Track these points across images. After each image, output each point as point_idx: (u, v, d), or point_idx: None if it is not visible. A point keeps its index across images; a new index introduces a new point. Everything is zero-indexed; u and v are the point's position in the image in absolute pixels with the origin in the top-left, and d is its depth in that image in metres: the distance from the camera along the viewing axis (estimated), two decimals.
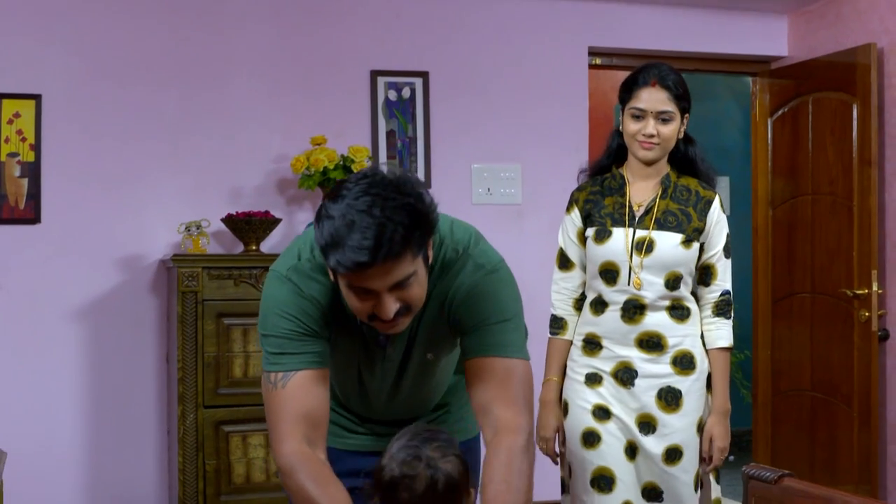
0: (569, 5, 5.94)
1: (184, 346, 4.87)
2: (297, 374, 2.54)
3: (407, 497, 2.24)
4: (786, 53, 6.36)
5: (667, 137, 3.49)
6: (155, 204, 5.35)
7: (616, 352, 3.51)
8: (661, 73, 3.51)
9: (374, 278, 2.31)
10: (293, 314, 2.55)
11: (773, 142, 6.38)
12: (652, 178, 3.55)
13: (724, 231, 3.55)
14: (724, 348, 3.52)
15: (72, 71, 5.26)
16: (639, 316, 3.48)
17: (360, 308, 2.41)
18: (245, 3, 5.51)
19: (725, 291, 3.53)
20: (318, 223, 2.34)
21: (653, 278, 3.45)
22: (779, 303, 6.31)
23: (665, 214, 3.49)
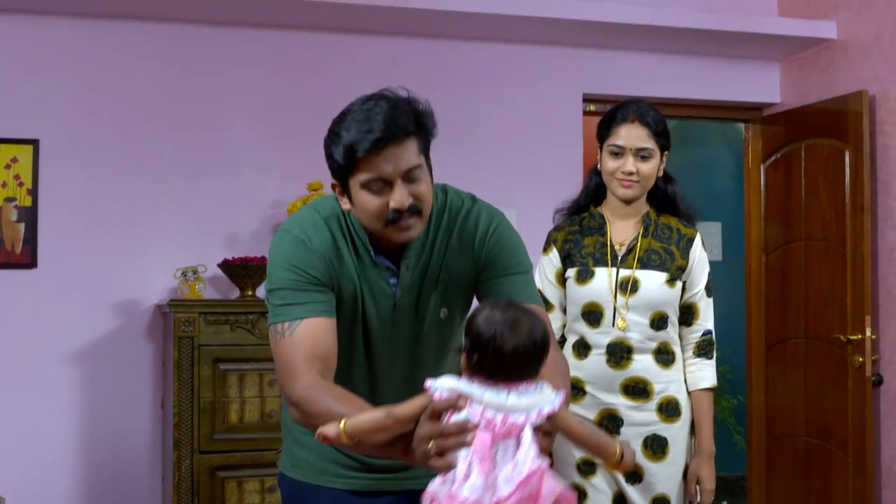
0: (563, 52, 5.98)
1: (180, 392, 4.86)
2: (303, 321, 2.53)
3: (511, 345, 2.15)
4: (778, 100, 6.40)
5: (646, 175, 3.43)
6: (152, 249, 5.36)
7: (600, 398, 3.43)
8: (641, 109, 3.46)
9: (387, 161, 2.43)
10: (297, 265, 2.58)
11: (765, 188, 6.40)
12: (632, 216, 3.50)
13: (705, 269, 3.52)
14: (707, 389, 3.48)
15: (70, 116, 5.29)
16: (626, 361, 3.41)
17: (376, 208, 2.48)
18: (243, 48, 5.55)
19: (707, 331, 3.49)
20: (330, 136, 2.51)
21: (638, 318, 3.40)
22: (772, 348, 6.31)
23: (648, 253, 3.43)
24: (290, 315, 2.54)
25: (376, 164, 2.45)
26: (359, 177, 2.47)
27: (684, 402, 3.46)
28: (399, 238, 2.54)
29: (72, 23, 5.29)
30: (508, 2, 5.51)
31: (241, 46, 5.54)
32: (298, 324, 2.53)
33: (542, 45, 5.97)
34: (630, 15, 5.73)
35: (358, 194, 2.50)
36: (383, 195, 2.47)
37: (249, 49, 5.55)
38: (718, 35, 5.92)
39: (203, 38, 5.48)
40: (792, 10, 6.25)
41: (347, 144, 2.45)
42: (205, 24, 5.47)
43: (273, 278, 2.61)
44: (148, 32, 5.41)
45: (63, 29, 5.29)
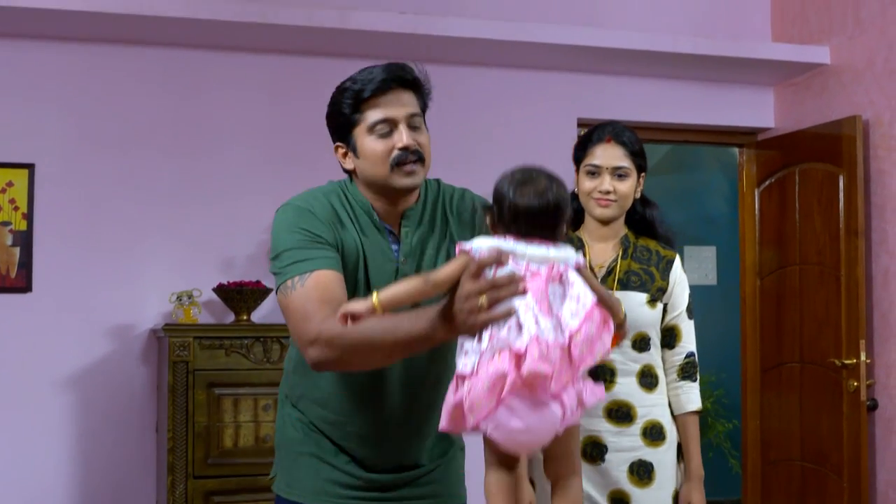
0: (558, 77, 6.00)
1: (174, 416, 4.85)
2: (313, 273, 2.57)
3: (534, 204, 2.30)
4: (772, 125, 6.42)
5: (623, 194, 3.40)
6: (147, 273, 5.36)
7: (584, 425, 3.32)
8: (616, 129, 3.45)
9: (392, 104, 2.65)
10: (303, 227, 2.65)
11: (760, 212, 6.41)
12: (610, 239, 3.46)
13: (685, 291, 3.47)
14: (693, 412, 3.43)
15: (65, 140, 5.29)
16: (608, 384, 3.34)
17: (383, 150, 2.65)
18: (239, 73, 5.56)
19: (690, 353, 3.44)
20: (336, 95, 2.73)
21: None
22: (767, 372, 6.30)
23: (628, 275, 3.40)
24: (299, 270, 2.58)
25: (383, 105, 2.65)
26: (365, 122, 2.66)
27: (669, 425, 3.40)
28: (403, 183, 2.67)
29: (68, 47, 5.30)
30: (503, 27, 5.53)
31: (238, 71, 5.56)
32: (309, 275, 2.57)
33: (538, 70, 5.98)
34: (625, 40, 5.75)
35: (364, 141, 2.67)
36: (389, 138, 2.65)
37: (246, 74, 5.57)
38: (713, 60, 5.95)
39: (199, 62, 5.50)
40: (786, 36, 6.29)
41: (356, 90, 2.66)
42: (201, 49, 5.48)
43: (279, 243, 2.66)
44: (144, 57, 5.42)
45: (59, 53, 5.30)
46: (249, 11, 5.17)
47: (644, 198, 3.54)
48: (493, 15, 5.75)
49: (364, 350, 2.43)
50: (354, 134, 2.70)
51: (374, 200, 2.75)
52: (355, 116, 2.69)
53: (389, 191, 2.71)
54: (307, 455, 2.82)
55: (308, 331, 2.50)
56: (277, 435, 2.94)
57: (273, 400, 4.94)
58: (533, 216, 2.30)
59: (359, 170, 2.73)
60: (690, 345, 3.46)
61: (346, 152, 2.75)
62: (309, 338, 2.50)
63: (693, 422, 3.43)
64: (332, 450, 2.81)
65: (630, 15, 6.12)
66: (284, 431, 2.89)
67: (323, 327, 2.46)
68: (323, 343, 2.46)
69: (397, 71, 2.69)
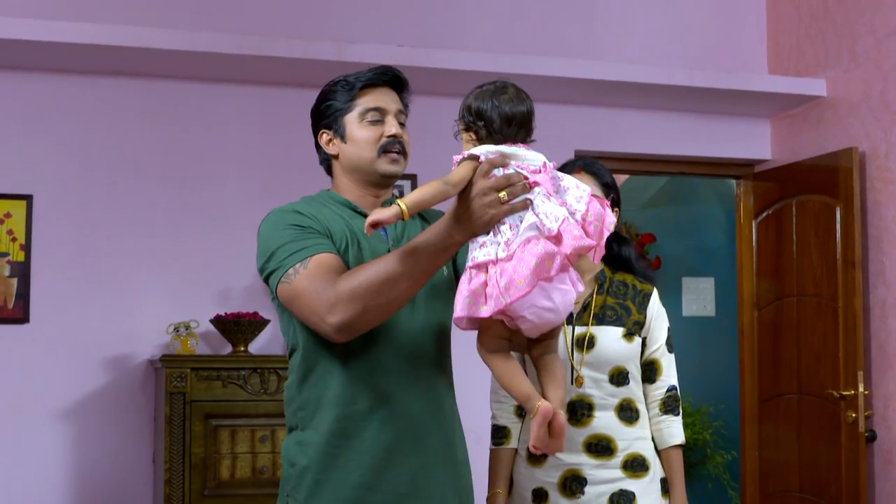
0: (555, 109, 5.99)
1: (171, 447, 4.85)
2: (312, 257, 2.63)
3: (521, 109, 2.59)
4: (769, 157, 6.45)
5: None
6: (144, 304, 5.37)
7: (563, 459, 3.29)
8: (587, 161, 3.47)
9: (384, 96, 2.84)
10: (293, 223, 2.72)
11: (757, 244, 6.42)
12: (586, 274, 3.41)
13: (664, 325, 3.44)
14: (677, 446, 3.39)
15: (63, 171, 5.32)
16: (586, 418, 3.30)
17: (372, 136, 2.80)
18: (236, 104, 5.59)
19: (672, 387, 3.41)
20: (329, 86, 2.86)
21: (596, 375, 3.30)
22: (765, 404, 6.30)
23: (603, 309, 3.37)
24: (298, 257, 2.64)
25: (376, 96, 2.83)
26: (357, 108, 2.81)
27: (652, 458, 3.36)
28: (388, 169, 2.81)
29: (66, 79, 5.33)
30: (500, 59, 5.55)
31: (235, 104, 5.58)
32: (309, 259, 2.63)
33: (534, 102, 5.91)
34: (622, 73, 5.78)
35: (354, 127, 2.82)
36: (378, 126, 2.81)
37: (243, 106, 5.59)
38: (709, 92, 5.98)
39: (196, 95, 5.53)
40: (782, 68, 6.32)
41: (350, 81, 2.83)
42: (197, 82, 5.51)
43: (270, 243, 2.71)
44: (142, 89, 5.45)
45: (57, 85, 5.33)
46: (246, 44, 5.20)
47: (618, 235, 3.50)
48: (490, 48, 5.78)
49: (386, 285, 2.52)
50: (344, 120, 2.83)
51: (355, 192, 2.87)
52: (348, 104, 2.83)
53: (373, 177, 2.83)
54: (332, 470, 2.75)
55: (324, 299, 2.55)
56: (285, 472, 2.84)
57: (270, 431, 4.95)
58: (520, 119, 2.58)
59: (344, 155, 2.85)
60: (671, 378, 3.42)
61: (331, 139, 2.87)
62: (328, 303, 2.54)
63: (677, 456, 3.40)
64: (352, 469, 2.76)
65: (626, 47, 6.15)
66: (290, 469, 2.80)
67: (338, 287, 2.54)
68: (345, 300, 2.52)
69: (391, 70, 2.89)
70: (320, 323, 2.58)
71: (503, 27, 5.97)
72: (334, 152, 2.87)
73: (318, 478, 2.74)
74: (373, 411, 2.74)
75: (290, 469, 2.80)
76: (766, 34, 6.47)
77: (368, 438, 2.74)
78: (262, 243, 2.76)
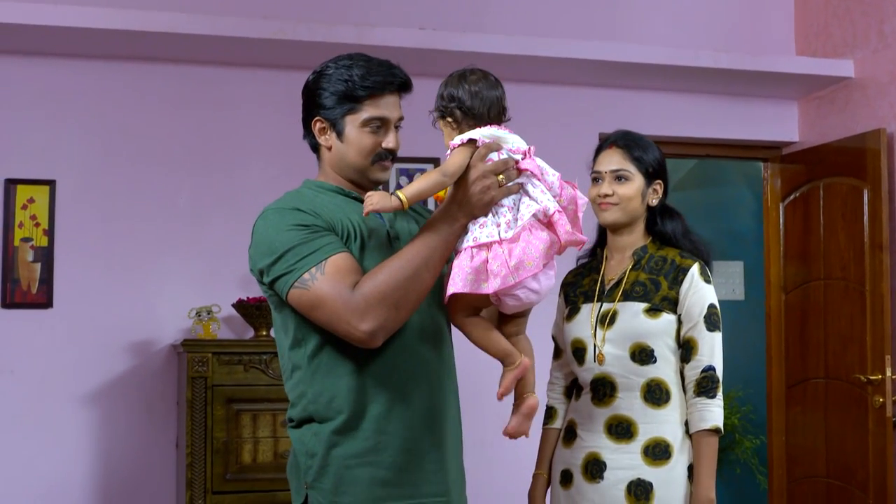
0: (578, 92, 6.00)
1: (192, 432, 4.87)
2: (327, 260, 2.63)
3: (498, 92, 2.75)
4: (796, 139, 6.42)
5: (625, 196, 3.34)
6: (166, 289, 5.41)
7: (587, 441, 3.30)
8: (619, 135, 3.45)
9: (391, 105, 2.82)
10: (297, 223, 2.69)
11: (784, 227, 6.41)
12: (627, 250, 3.40)
13: (703, 301, 3.29)
14: (706, 430, 3.23)
15: (86, 157, 5.36)
16: (609, 398, 3.27)
17: (370, 145, 2.80)
18: (258, 88, 5.60)
19: (708, 367, 3.25)
20: (332, 76, 2.82)
21: (617, 351, 3.26)
22: (792, 388, 6.29)
23: (634, 285, 3.32)
24: (313, 261, 2.63)
25: (382, 105, 2.80)
26: (360, 115, 2.80)
27: (678, 445, 3.25)
28: (379, 177, 2.85)
29: (88, 65, 5.37)
30: (524, 42, 5.55)
31: (257, 88, 5.60)
32: (324, 263, 2.62)
33: (559, 85, 5.99)
34: (647, 55, 5.76)
35: (355, 132, 2.81)
36: (377, 135, 2.80)
37: (265, 90, 5.60)
38: (736, 74, 5.95)
39: (218, 79, 5.56)
40: (809, 49, 6.29)
41: (359, 83, 2.78)
42: (220, 66, 5.54)
43: (276, 245, 2.68)
44: (163, 74, 5.48)
45: (80, 71, 5.37)
46: (268, 28, 5.22)
47: (667, 208, 3.47)
48: (514, 30, 5.77)
49: (410, 280, 2.60)
50: (346, 120, 2.82)
51: (343, 183, 2.89)
52: (352, 105, 2.80)
53: (361, 179, 2.86)
54: (355, 467, 2.75)
55: (353, 306, 2.57)
56: (299, 462, 2.82)
57: None
58: (492, 99, 2.72)
59: (337, 151, 2.87)
60: (709, 358, 3.25)
61: (326, 130, 2.86)
62: (358, 310, 2.57)
63: (706, 441, 3.24)
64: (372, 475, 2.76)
65: (652, 29, 6.12)
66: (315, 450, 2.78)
67: (364, 292, 2.58)
68: (375, 303, 2.57)
69: (399, 76, 2.85)
70: (351, 330, 2.59)
71: (526, 9, 5.95)
72: (326, 144, 2.88)
73: (344, 465, 2.74)
74: (392, 404, 2.76)
75: (310, 460, 2.78)
76: (794, 15, 6.44)
77: (391, 432, 2.76)
78: (263, 244, 2.73)
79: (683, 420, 3.29)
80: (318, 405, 2.76)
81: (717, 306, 3.32)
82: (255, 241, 2.77)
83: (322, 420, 2.77)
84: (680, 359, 3.31)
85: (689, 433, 3.28)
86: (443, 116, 2.77)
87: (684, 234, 3.46)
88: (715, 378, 3.26)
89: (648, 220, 3.45)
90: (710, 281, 3.36)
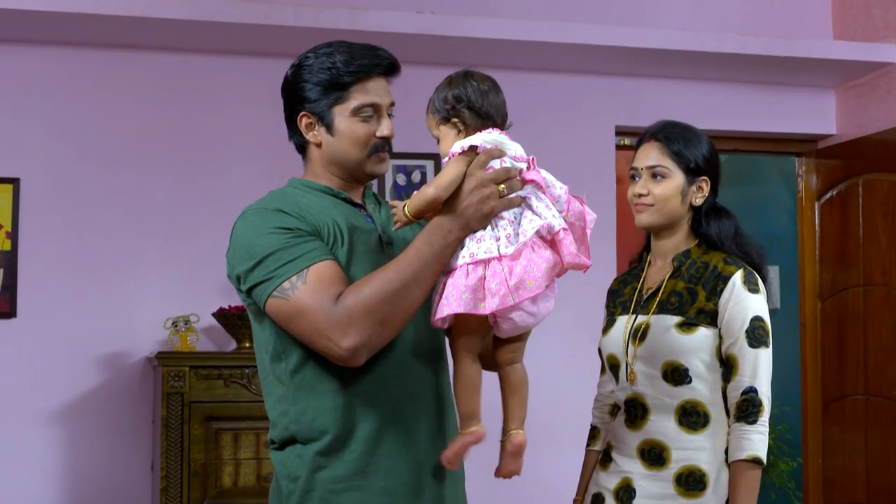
0: (594, 81, 5.94)
1: (168, 453, 4.84)
2: (310, 268, 2.57)
3: (501, 97, 2.65)
4: (833, 131, 6.31)
5: (661, 197, 3.21)
6: (142, 297, 5.34)
7: (621, 465, 3.21)
8: (660, 127, 3.30)
9: (382, 90, 2.74)
10: (280, 226, 2.62)
11: (820, 227, 6.36)
12: (669, 255, 3.29)
13: (745, 312, 3.12)
14: (743, 461, 3.08)
15: (53, 154, 5.30)
16: (641, 420, 3.17)
17: (364, 134, 2.72)
18: (242, 78, 5.57)
19: (749, 389, 3.09)
20: (315, 65, 2.73)
21: (650, 370, 3.15)
22: (829, 405, 6.22)
23: (670, 296, 3.20)
24: (294, 268, 2.57)
25: (371, 90, 2.72)
26: (349, 104, 2.71)
27: (714, 475, 3.12)
28: (376, 169, 2.78)
29: (56, 52, 5.33)
30: (532, 27, 5.47)
31: (240, 77, 5.56)
32: (306, 271, 2.56)
33: (571, 74, 5.93)
34: (666, 40, 5.69)
35: (345, 122, 2.72)
36: (371, 123, 2.73)
37: (249, 80, 5.55)
38: (765, 61, 5.85)
39: (197, 68, 5.51)
40: (848, 33, 6.19)
41: (344, 69, 2.71)
42: (200, 53, 5.49)
43: (256, 250, 2.62)
44: (138, 62, 5.43)
45: (46, 59, 5.32)
46: (252, 12, 5.16)
47: (716, 207, 3.30)
48: (521, 14, 5.66)
49: (398, 295, 2.52)
50: (334, 111, 2.74)
51: (334, 181, 2.82)
52: (340, 94, 2.73)
53: (358, 174, 2.80)
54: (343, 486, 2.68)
55: (335, 319, 2.51)
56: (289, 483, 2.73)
57: None
58: (504, 106, 2.66)
59: (328, 147, 2.78)
60: (750, 378, 3.08)
61: (313, 125, 2.78)
62: (340, 324, 2.50)
63: (744, 474, 3.09)
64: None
65: (673, 12, 6.02)
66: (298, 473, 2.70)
67: (347, 305, 2.51)
68: (359, 317, 2.50)
69: (385, 57, 2.77)
70: (331, 346, 2.53)
71: None
72: (315, 141, 2.80)
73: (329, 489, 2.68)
74: (383, 424, 2.70)
75: (292, 484, 2.70)
76: None
77: (382, 455, 2.70)
78: (241, 248, 2.67)
79: (724, 447, 3.15)
80: (301, 424, 2.69)
81: (763, 318, 3.13)
82: (233, 244, 2.71)
83: (306, 441, 2.69)
84: (722, 378, 3.17)
85: (729, 462, 3.15)
86: (447, 119, 2.63)
87: (734, 237, 3.29)
88: (757, 401, 3.09)
89: (694, 222, 3.31)
90: (759, 290, 3.17)
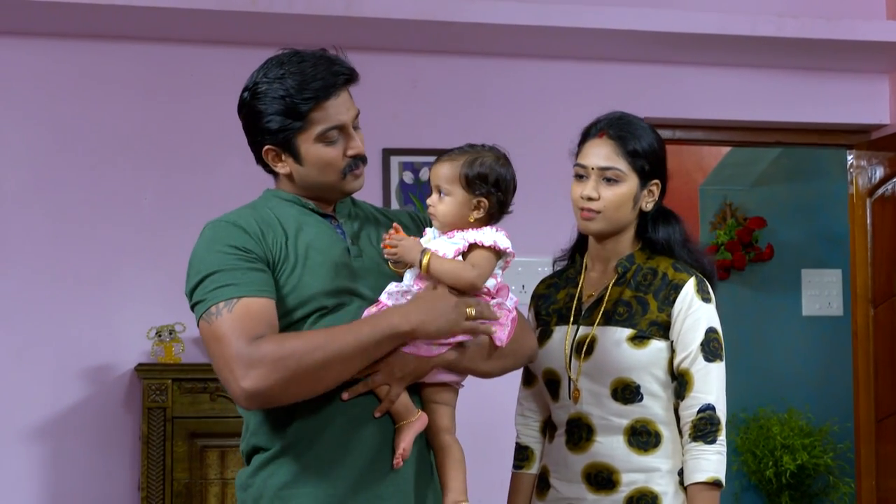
0: (618, 69, 5.89)
1: (149, 472, 4.89)
2: (241, 300, 2.62)
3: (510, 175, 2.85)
4: (888, 121, 6.24)
5: (611, 204, 3.15)
6: (128, 304, 5.37)
7: (562, 492, 3.18)
8: (613, 120, 3.25)
9: (341, 107, 2.79)
10: (229, 244, 2.71)
11: (873, 226, 6.31)
12: (611, 260, 3.25)
13: (700, 324, 3.12)
14: (701, 483, 3.07)
15: (31, 149, 5.35)
16: (585, 442, 3.13)
17: (334, 158, 2.80)
18: (231, 70, 5.33)
19: (706, 406, 3.08)
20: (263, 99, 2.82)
21: (595, 388, 3.12)
22: (883, 422, 6.17)
23: (616, 305, 3.16)
24: (225, 294, 2.63)
25: (332, 111, 2.78)
26: (312, 131, 2.77)
27: (670, 497, 3.12)
28: (351, 187, 2.87)
29: (35, 43, 5.37)
30: (543, 10, 5.43)
31: (229, 68, 5.28)
32: (237, 302, 2.62)
33: (589, 62, 5.90)
34: (698, 23, 5.63)
35: (311, 149, 2.80)
36: (338, 145, 2.80)
37: (239, 72, 5.26)
38: (807, 44, 5.78)
39: (184, 59, 5.54)
40: None
41: (297, 97, 2.75)
42: (187, 44, 5.52)
43: (201, 265, 2.72)
44: (122, 54, 5.46)
45: (25, 49, 5.36)
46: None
47: (663, 211, 3.29)
48: None
49: (319, 362, 2.57)
50: (298, 140, 2.80)
51: (307, 197, 2.91)
52: (298, 123, 2.79)
53: (334, 194, 2.89)
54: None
55: (243, 356, 2.55)
56: (239, 494, 2.85)
57: None
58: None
59: (298, 175, 2.86)
60: (707, 395, 3.09)
61: (280, 157, 2.85)
62: (245, 363, 2.54)
63: (701, 496, 3.09)
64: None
65: None
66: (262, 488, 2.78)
67: (261, 348, 2.55)
68: (266, 365, 2.54)
69: (340, 70, 2.81)
70: (231, 381, 2.60)
71: None
72: (285, 171, 2.87)
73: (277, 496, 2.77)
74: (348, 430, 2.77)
75: (242, 493, 2.83)
76: None
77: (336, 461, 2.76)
78: (194, 263, 2.78)
79: (678, 468, 3.15)
80: (259, 437, 2.80)
81: (717, 330, 3.16)
82: (190, 259, 2.82)
83: (261, 451, 2.80)
84: (674, 394, 3.17)
85: (684, 485, 3.14)
86: (474, 193, 2.79)
87: (684, 243, 3.29)
88: (715, 419, 3.10)
89: (639, 226, 3.30)
90: (711, 299, 3.19)
